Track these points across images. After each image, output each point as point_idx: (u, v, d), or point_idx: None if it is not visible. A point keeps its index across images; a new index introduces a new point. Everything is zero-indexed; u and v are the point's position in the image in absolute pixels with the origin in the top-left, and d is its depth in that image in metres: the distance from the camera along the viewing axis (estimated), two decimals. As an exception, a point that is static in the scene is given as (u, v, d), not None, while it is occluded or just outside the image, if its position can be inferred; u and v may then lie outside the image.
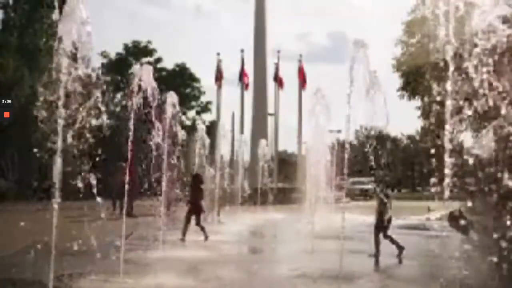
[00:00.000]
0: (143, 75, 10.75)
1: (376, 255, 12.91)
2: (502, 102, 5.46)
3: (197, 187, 16.31)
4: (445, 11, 5.61)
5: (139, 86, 10.52)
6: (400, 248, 12.94)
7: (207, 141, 22.07)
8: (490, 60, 5.41)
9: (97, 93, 7.91)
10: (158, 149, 12.78)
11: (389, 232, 13.25)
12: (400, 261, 12.67)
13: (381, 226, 13.08)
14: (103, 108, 7.97)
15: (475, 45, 5.47)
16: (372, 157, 12.71)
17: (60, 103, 7.50)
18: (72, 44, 7.64)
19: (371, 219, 13.84)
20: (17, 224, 9.96)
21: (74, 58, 7.66)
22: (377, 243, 13.03)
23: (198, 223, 15.77)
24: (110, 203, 21.76)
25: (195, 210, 15.76)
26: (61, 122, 7.48)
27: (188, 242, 15.15)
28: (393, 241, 13.08)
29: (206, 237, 15.59)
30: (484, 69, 5.44)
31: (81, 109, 7.76)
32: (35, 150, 8.31)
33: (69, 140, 7.58)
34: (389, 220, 13.21)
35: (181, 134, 15.51)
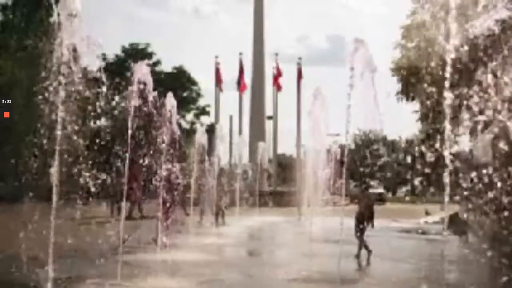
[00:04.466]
0: (140, 71, 10.69)
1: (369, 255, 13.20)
2: (500, 105, 5.47)
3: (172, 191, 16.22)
4: (443, 14, 5.62)
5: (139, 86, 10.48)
6: (360, 252, 13.16)
7: (206, 144, 21.98)
8: (489, 63, 5.42)
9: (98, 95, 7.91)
10: (157, 152, 12.78)
11: (386, 235, 13.31)
12: (359, 263, 12.88)
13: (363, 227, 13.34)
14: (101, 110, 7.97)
15: (474, 49, 5.49)
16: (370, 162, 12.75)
17: (60, 104, 7.50)
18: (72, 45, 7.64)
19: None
20: (14, 225, 9.93)
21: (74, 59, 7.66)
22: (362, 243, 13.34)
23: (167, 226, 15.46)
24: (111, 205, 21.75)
25: (168, 213, 15.52)
26: (60, 123, 7.47)
27: (188, 244, 15.12)
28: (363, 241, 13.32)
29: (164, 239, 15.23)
30: (483, 72, 5.45)
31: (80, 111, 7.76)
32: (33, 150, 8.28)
33: (68, 141, 7.57)
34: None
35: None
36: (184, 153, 19.73)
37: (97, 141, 9.76)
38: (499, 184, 6.06)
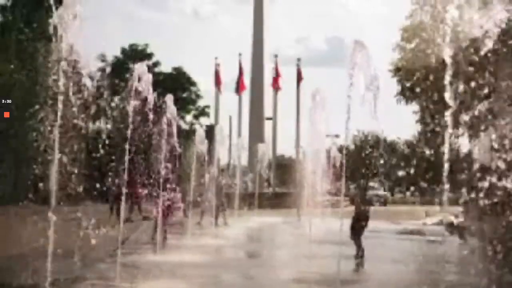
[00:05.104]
0: (141, 74, 10.66)
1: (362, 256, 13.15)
2: (500, 107, 5.47)
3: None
4: (443, 16, 5.62)
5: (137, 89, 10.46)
6: (362, 252, 13.11)
7: (205, 145, 21.93)
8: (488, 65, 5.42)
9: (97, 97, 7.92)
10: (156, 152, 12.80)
11: (386, 237, 13.29)
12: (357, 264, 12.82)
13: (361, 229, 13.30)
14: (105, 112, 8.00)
15: (473, 50, 5.49)
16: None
17: (59, 106, 7.49)
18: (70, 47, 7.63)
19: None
20: (13, 227, 9.92)
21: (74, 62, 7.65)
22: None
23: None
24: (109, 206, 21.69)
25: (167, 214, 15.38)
26: (59, 124, 7.47)
27: (187, 245, 15.11)
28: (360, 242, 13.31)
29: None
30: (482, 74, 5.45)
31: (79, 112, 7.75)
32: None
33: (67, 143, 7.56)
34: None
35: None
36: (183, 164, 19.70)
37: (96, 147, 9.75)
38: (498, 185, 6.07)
